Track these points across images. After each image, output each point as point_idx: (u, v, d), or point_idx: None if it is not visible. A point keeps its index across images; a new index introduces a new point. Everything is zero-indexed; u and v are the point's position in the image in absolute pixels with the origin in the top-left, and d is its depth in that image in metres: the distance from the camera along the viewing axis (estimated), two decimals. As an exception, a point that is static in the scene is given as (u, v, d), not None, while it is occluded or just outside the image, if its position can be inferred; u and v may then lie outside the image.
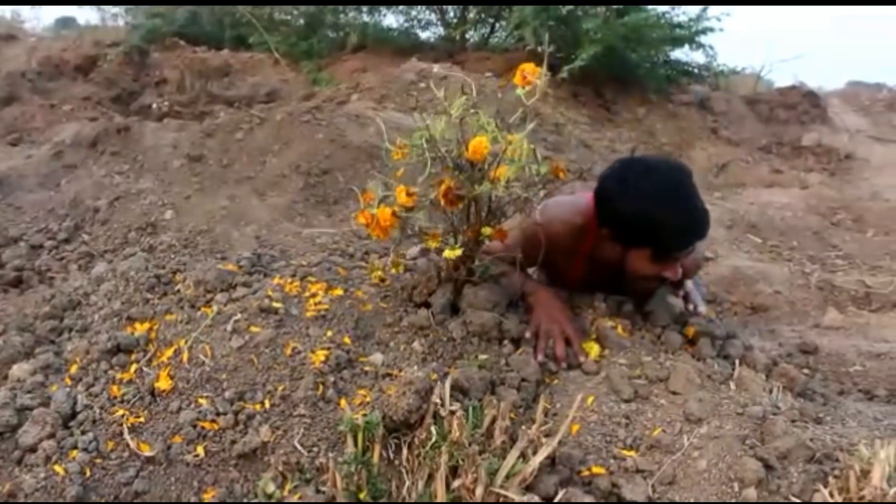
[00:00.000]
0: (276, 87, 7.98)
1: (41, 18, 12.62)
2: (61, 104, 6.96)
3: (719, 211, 5.35)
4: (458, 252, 2.12)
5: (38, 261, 3.80)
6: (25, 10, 11.04)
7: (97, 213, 4.11)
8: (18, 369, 2.18)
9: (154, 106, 7.65)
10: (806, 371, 3.30)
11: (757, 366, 2.34)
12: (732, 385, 2.22)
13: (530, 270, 2.52)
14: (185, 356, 2.12)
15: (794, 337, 3.64)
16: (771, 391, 2.25)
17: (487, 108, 2.27)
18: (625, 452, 1.98)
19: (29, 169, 4.61)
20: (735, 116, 8.42)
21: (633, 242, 2.29)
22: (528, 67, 2.12)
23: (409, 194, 2.04)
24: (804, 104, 8.76)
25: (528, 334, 2.26)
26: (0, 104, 7.11)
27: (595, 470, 1.92)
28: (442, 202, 1.99)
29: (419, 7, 9.11)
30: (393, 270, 2.35)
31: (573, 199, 2.59)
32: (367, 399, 1.97)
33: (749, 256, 4.78)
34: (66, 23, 13.11)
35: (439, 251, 2.16)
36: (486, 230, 2.19)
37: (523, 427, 1.86)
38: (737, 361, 2.33)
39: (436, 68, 6.32)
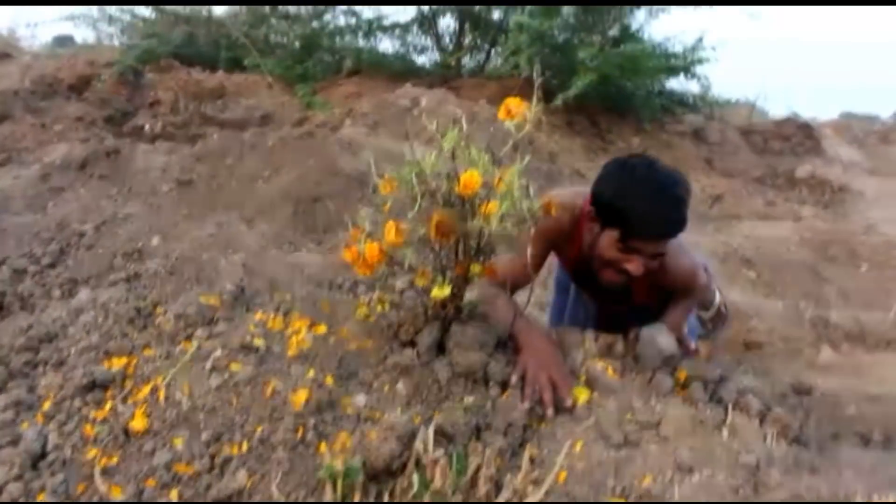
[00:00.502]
0: (270, 111, 7.96)
1: (37, 37, 12.56)
2: (53, 124, 6.91)
3: (713, 244, 5.32)
4: (447, 291, 2.06)
5: (21, 286, 3.73)
6: (22, 28, 10.98)
7: (83, 238, 4.04)
8: (-11, 405, 2.10)
9: (147, 127, 7.61)
10: (800, 413, 3.25)
11: (750, 411, 2.28)
12: (725, 431, 2.15)
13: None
14: (162, 394, 2.05)
15: (788, 377, 3.59)
16: (765, 438, 2.19)
17: (480, 138, 2.23)
18: (613, 501, 1.91)
19: (16, 191, 4.55)
20: (730, 147, 8.44)
21: (606, 221, 2.33)
22: (514, 102, 2.08)
23: (398, 231, 1.98)
24: (798, 135, 8.79)
25: (514, 378, 2.17)
26: (-9, 123, 7.06)
27: (584, 520, 1.85)
28: (433, 235, 1.93)
29: (415, 32, 9.13)
30: (378, 308, 2.30)
31: (573, 188, 2.76)
32: (348, 444, 1.90)
33: (743, 291, 4.74)
34: (63, 42, 13.10)
35: (427, 289, 2.11)
36: (476, 267, 2.14)
37: (509, 476, 1.80)
38: (729, 406, 2.27)
39: (423, 101, 6.27)
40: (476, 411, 2.05)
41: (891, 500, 1.95)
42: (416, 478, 1.77)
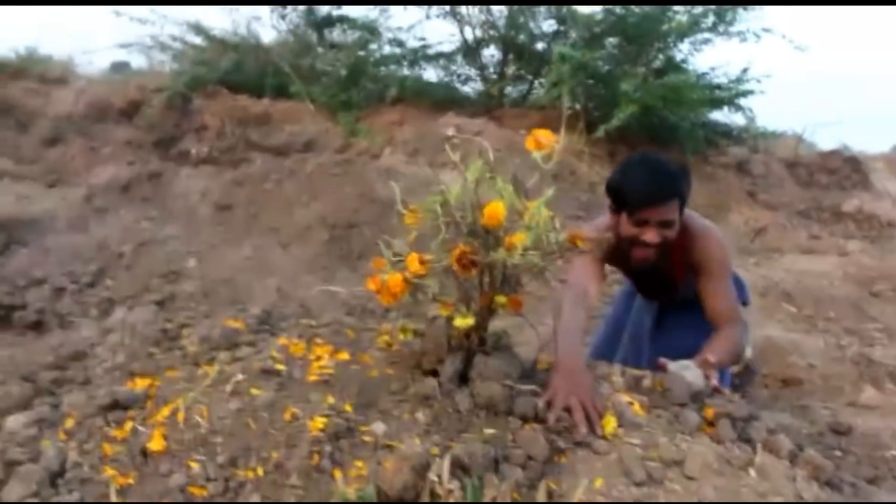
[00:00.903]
0: (313, 137, 8.03)
1: (94, 63, 12.89)
2: (102, 147, 7.07)
3: (753, 277, 5.22)
4: (470, 321, 2.05)
5: (60, 304, 3.82)
6: (79, 55, 11.27)
7: (122, 259, 4.13)
8: (14, 421, 2.14)
9: (193, 151, 7.74)
10: (838, 453, 3.15)
11: (780, 451, 2.21)
12: (752, 472, 2.09)
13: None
14: (182, 416, 2.06)
15: (827, 415, 3.50)
16: (795, 480, 2.12)
17: (517, 167, 2.23)
18: (633, 541, 1.86)
19: (61, 211, 4.66)
20: (774, 180, 8.30)
21: (617, 206, 2.72)
22: (542, 133, 2.06)
23: (421, 262, 1.97)
24: (845, 169, 8.62)
25: (541, 403, 2.16)
26: (45, 145, 7.25)
27: (601, 560, 1.81)
28: (455, 267, 1.92)
29: (459, 62, 9.17)
30: (401, 336, 2.28)
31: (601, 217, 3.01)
32: (363, 472, 1.88)
33: (783, 326, 4.64)
34: (119, 67, 13.43)
35: (450, 319, 2.09)
36: (501, 299, 2.12)
37: (524, 511, 1.76)
38: (759, 446, 2.20)
39: (451, 130, 6.27)
40: (496, 443, 2.02)
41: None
42: (429, 509, 1.75)
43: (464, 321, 2.00)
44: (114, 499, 1.88)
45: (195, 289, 3.73)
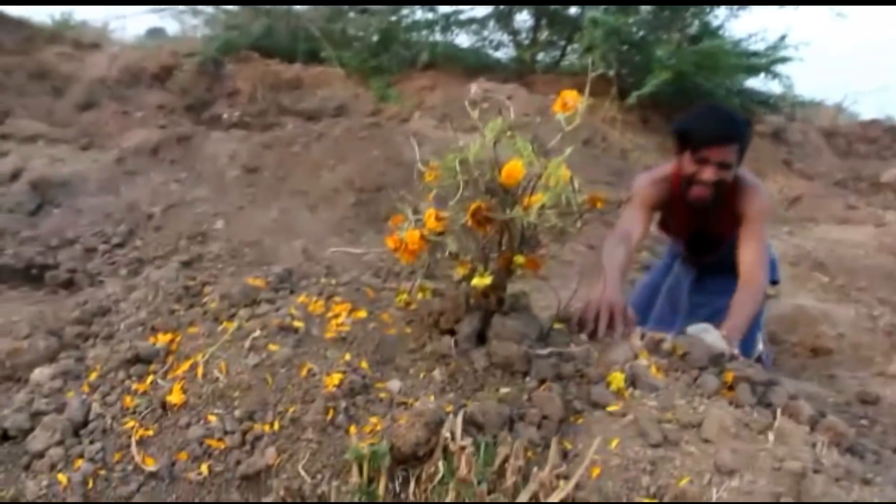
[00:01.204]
0: (344, 102, 8.04)
1: (127, 28, 12.99)
2: (135, 111, 7.14)
3: (785, 246, 5.14)
4: (487, 281, 2.04)
5: (91, 264, 3.87)
6: (113, 21, 11.38)
7: (151, 220, 4.17)
8: (39, 373, 2.18)
9: (224, 116, 7.79)
10: (864, 422, 3.11)
11: (801, 417, 2.18)
12: (771, 436, 2.06)
13: None
14: (200, 371, 2.08)
15: (855, 385, 3.45)
16: (815, 445, 2.10)
17: (546, 131, 2.21)
18: (646, 501, 1.86)
19: (92, 173, 4.70)
20: (811, 149, 8.15)
21: (681, 146, 2.93)
22: (569, 94, 2.03)
23: (438, 219, 1.97)
24: (885, 139, 8.44)
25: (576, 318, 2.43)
26: (79, 109, 7.34)
27: (614, 518, 1.81)
28: (470, 222, 1.91)
29: (491, 27, 9.09)
30: (419, 295, 2.28)
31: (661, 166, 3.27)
32: (378, 427, 1.89)
33: (814, 296, 4.57)
34: (155, 33, 13.52)
35: (468, 278, 2.09)
36: (519, 258, 2.11)
37: (535, 468, 1.77)
38: (778, 411, 2.18)
39: (473, 88, 6.23)
40: (511, 402, 2.02)
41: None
42: (441, 465, 1.76)
43: (481, 280, 1.99)
44: (134, 449, 1.91)
45: (222, 250, 3.76)
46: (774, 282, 3.38)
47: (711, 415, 2.06)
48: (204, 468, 1.88)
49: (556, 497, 1.73)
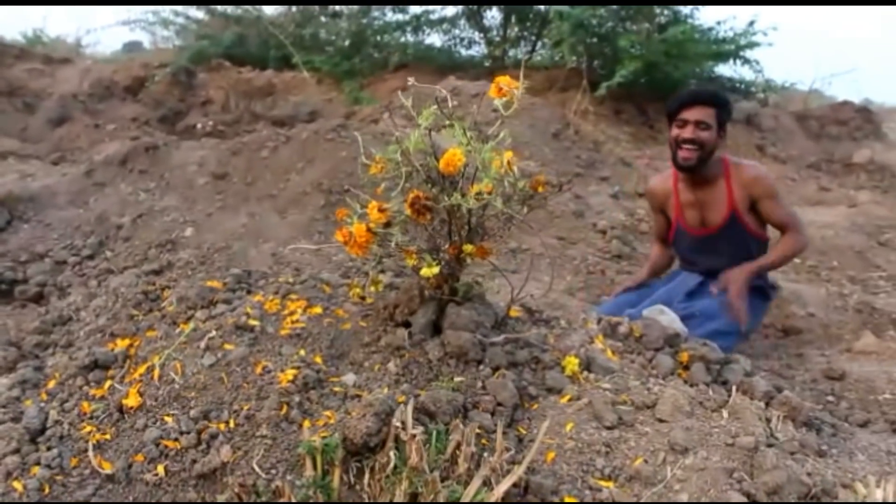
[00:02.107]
0: (318, 107, 8.05)
1: (101, 42, 12.96)
2: (107, 124, 7.12)
3: (756, 230, 5.16)
4: (436, 270, 2.05)
5: (61, 277, 3.86)
6: (87, 36, 11.35)
7: (120, 230, 4.15)
8: (-3, 384, 2.18)
9: (198, 126, 7.78)
10: (830, 398, 3.14)
11: (755, 393, 2.21)
12: (725, 413, 2.09)
13: None
14: (157, 373, 2.09)
15: (822, 362, 3.47)
16: (769, 420, 2.12)
17: (514, 124, 2.22)
18: (601, 483, 1.87)
19: (62, 187, 4.69)
20: (783, 133, 8.19)
21: (669, 124, 3.31)
22: (504, 79, 2.05)
23: (380, 210, 1.98)
24: (857, 120, 8.49)
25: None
26: (51, 124, 7.32)
27: (567, 500, 1.82)
28: (409, 212, 1.93)
29: (461, 26, 9.12)
30: (371, 289, 2.30)
31: None
32: (332, 421, 1.91)
33: (785, 277, 4.59)
34: (132, 47, 13.48)
35: (417, 269, 2.10)
36: (468, 247, 2.12)
37: (485, 454, 1.78)
38: (733, 388, 2.20)
39: (411, 80, 6.24)
40: (465, 391, 2.04)
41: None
42: (393, 454, 1.77)
43: (429, 270, 2.01)
44: (91, 454, 1.92)
45: (192, 257, 3.75)
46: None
47: (666, 395, 2.09)
48: (160, 469, 1.89)
49: (507, 482, 1.75)
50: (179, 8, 9.36)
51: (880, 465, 2.12)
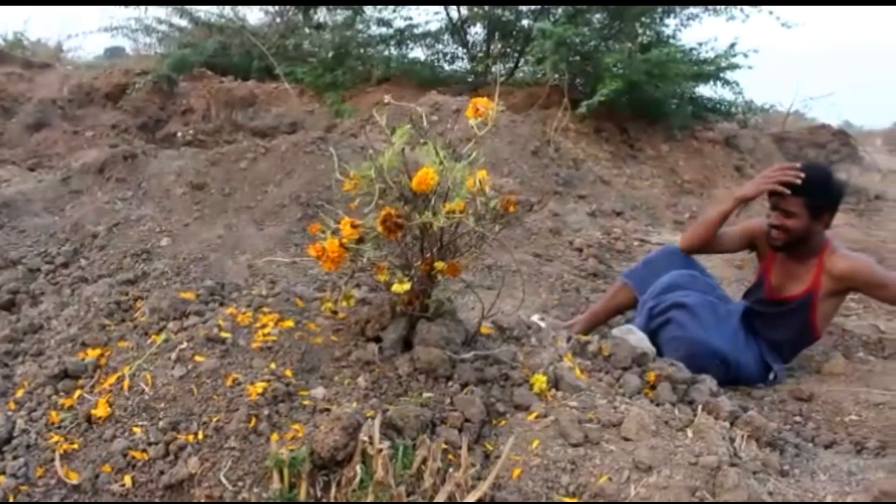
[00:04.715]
0: (299, 118, 8.07)
1: (83, 48, 12.92)
2: (86, 131, 7.10)
3: (731, 250, 5.22)
4: (407, 286, 2.07)
5: (34, 284, 3.83)
6: (68, 41, 11.32)
7: (96, 239, 4.14)
8: (-36, 393, 2.17)
9: (178, 134, 7.78)
10: (798, 419, 3.18)
11: (720, 413, 2.24)
12: (690, 432, 2.12)
13: None
14: (127, 384, 2.09)
15: (791, 383, 3.52)
16: (733, 440, 2.16)
17: (494, 142, 2.25)
18: (566, 500, 1.90)
19: (37, 194, 4.66)
20: (762, 154, 8.30)
21: None
22: (481, 101, 2.08)
23: (353, 226, 2.01)
24: (834, 143, 8.62)
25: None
26: (29, 130, 7.28)
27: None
28: (380, 229, 1.95)
29: (445, 41, 9.17)
30: (343, 304, 2.32)
31: None
32: (300, 434, 1.92)
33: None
34: (115, 53, 13.45)
35: (389, 284, 2.12)
36: (440, 264, 2.15)
37: (451, 470, 1.80)
38: (699, 408, 2.24)
39: (387, 98, 6.28)
40: (433, 406, 2.06)
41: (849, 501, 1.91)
42: (360, 468, 1.79)
43: (401, 286, 2.03)
44: (57, 463, 1.92)
45: (167, 267, 3.75)
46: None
47: (632, 413, 2.11)
48: (127, 480, 1.89)
49: (472, 497, 1.76)
50: (163, 15, 9.36)
51: (840, 486, 2.15)
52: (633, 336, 2.46)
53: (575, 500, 1.89)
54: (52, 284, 3.85)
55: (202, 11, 9.29)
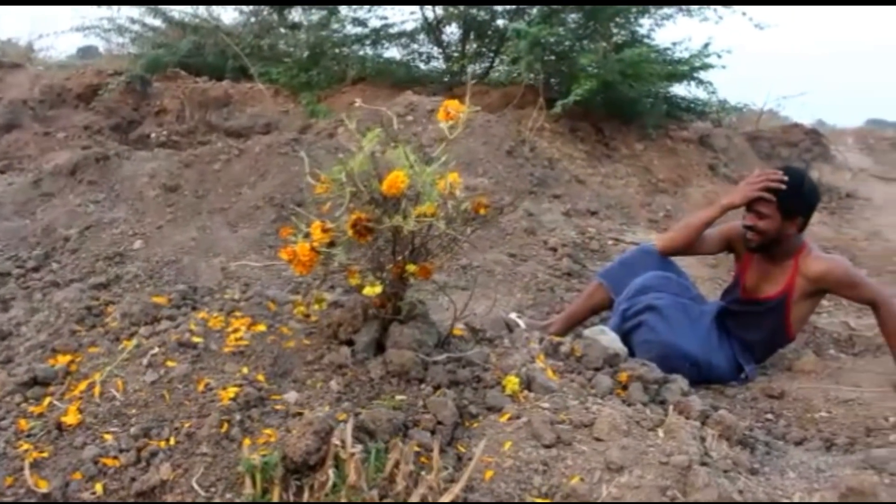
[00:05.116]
0: (274, 119, 8.04)
1: (55, 47, 12.79)
2: (58, 132, 7.03)
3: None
4: (378, 289, 2.08)
5: (4, 289, 3.80)
6: (39, 40, 11.17)
7: (68, 242, 4.11)
8: (-69, 401, 2.15)
9: (152, 135, 7.72)
10: (769, 416, 3.22)
11: (691, 413, 2.26)
12: (661, 432, 2.14)
13: None
14: (97, 390, 2.08)
15: (763, 381, 3.56)
16: (704, 439, 2.18)
17: (469, 143, 2.25)
18: (538, 501, 1.91)
19: (7, 196, 4.63)
20: (735, 153, 8.36)
21: None
22: (452, 104, 2.09)
23: (324, 230, 2.01)
24: (806, 142, 8.70)
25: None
26: (0, 131, 7.20)
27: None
28: (350, 233, 1.96)
29: (420, 40, 9.16)
30: (315, 307, 2.32)
31: None
32: (273, 439, 1.92)
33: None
34: (87, 52, 13.31)
35: (361, 288, 2.12)
36: (411, 267, 2.15)
37: (423, 473, 1.81)
38: (670, 407, 2.26)
39: (359, 101, 6.29)
40: (406, 409, 2.06)
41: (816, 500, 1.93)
42: (332, 472, 1.79)
43: (372, 290, 2.03)
44: (26, 472, 1.90)
45: (140, 270, 3.73)
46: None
47: (603, 414, 2.13)
48: (98, 487, 1.88)
49: (444, 499, 1.77)
50: (136, 15, 9.27)
51: (809, 483, 2.18)
52: (605, 337, 2.47)
53: (547, 501, 1.91)
54: (22, 289, 3.83)
55: (176, 11, 9.21)
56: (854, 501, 1.95)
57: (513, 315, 3.06)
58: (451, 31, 9.16)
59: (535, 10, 8.23)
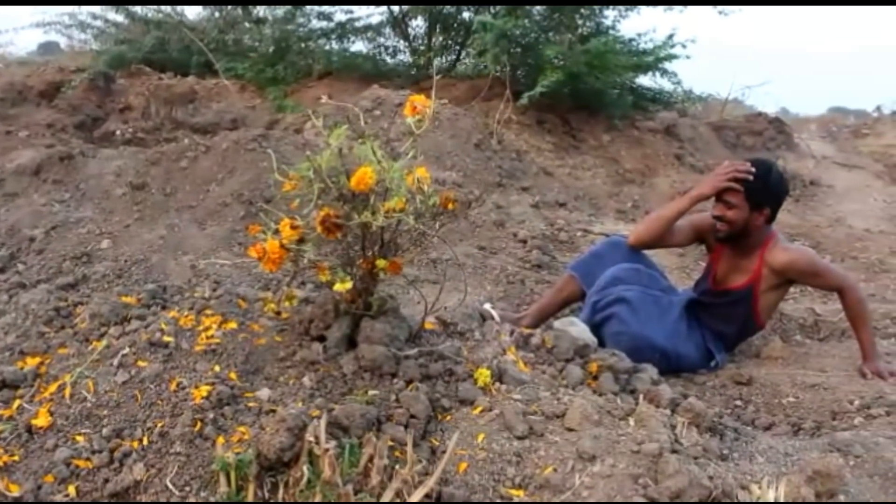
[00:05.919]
0: (241, 114, 7.97)
1: (15, 43, 12.57)
2: (20, 130, 6.91)
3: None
4: (348, 285, 2.08)
5: (-30, 291, 3.75)
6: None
7: (33, 243, 4.06)
8: None
9: (117, 133, 7.62)
10: (738, 402, 3.27)
11: (661, 401, 2.30)
12: (632, 421, 2.17)
13: None
14: (68, 391, 2.07)
15: (732, 367, 3.61)
16: (674, 427, 2.21)
17: (437, 136, 2.26)
18: (512, 492, 1.93)
19: (-30, 198, 4.57)
20: (701, 143, 8.44)
21: None
22: (418, 99, 2.10)
23: (293, 227, 2.01)
24: (770, 130, 8.80)
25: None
26: (-42, 130, 7.06)
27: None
28: (319, 229, 1.96)
29: (386, 34, 9.14)
30: (286, 304, 2.32)
31: None
32: (246, 436, 1.92)
33: (697, 285, 4.74)
34: (49, 48, 13.10)
35: (331, 284, 2.13)
36: (381, 262, 2.16)
37: (397, 467, 1.82)
38: (641, 397, 2.29)
39: (324, 98, 6.27)
40: (379, 404, 2.07)
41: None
42: (307, 468, 1.79)
43: (342, 285, 2.04)
44: (-3, 476, 1.89)
45: (108, 270, 3.69)
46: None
47: (575, 404, 2.15)
48: (71, 489, 1.87)
49: (419, 493, 1.78)
50: (98, 11, 9.14)
51: (777, 467, 2.22)
52: (575, 328, 2.50)
53: (521, 492, 1.93)
54: (-12, 291, 3.77)
55: (139, 7, 9.09)
56: (820, 484, 1.99)
57: (486, 306, 3.08)
58: (417, 25, 9.15)
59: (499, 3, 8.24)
